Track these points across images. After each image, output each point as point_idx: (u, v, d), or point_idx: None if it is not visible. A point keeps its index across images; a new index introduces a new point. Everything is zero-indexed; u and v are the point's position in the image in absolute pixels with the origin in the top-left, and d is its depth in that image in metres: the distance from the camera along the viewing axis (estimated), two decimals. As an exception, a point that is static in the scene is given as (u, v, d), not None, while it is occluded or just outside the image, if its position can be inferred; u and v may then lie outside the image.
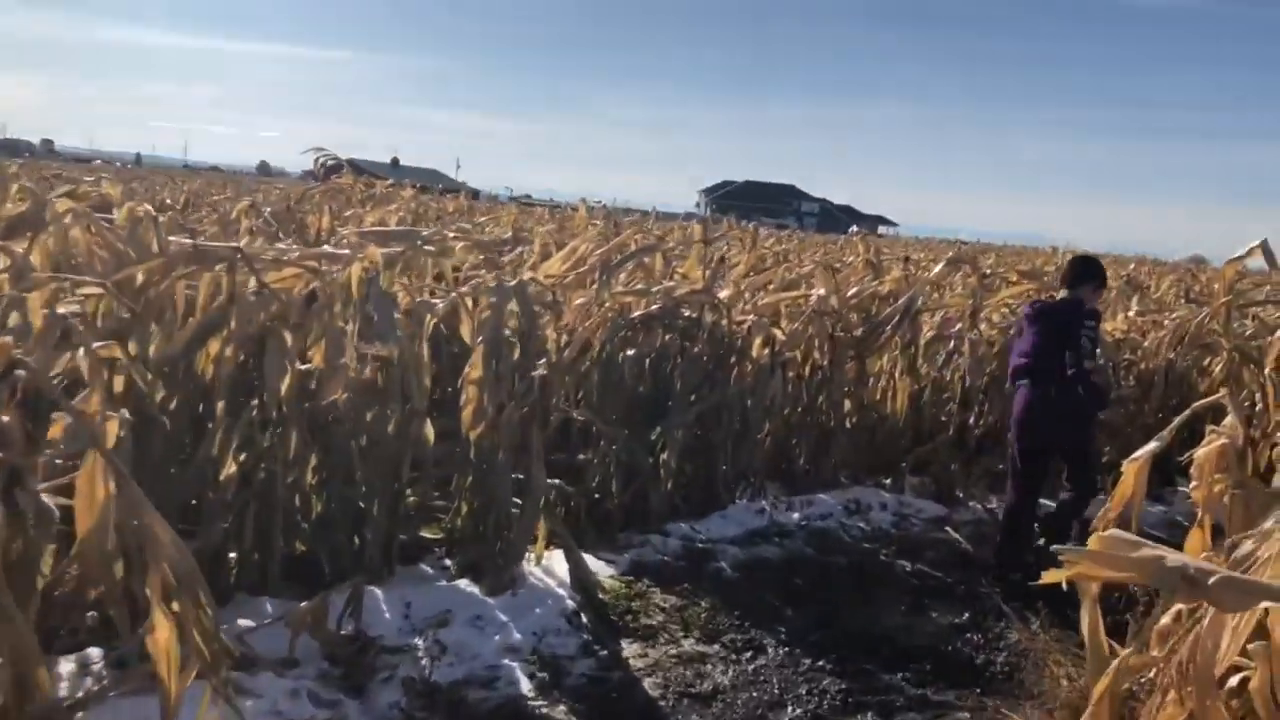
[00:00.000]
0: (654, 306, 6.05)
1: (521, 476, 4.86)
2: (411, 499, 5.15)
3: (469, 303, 5.07)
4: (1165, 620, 3.54)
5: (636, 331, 6.17)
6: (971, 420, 7.15)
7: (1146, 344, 7.97)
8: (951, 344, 7.57)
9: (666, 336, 6.26)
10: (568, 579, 4.69)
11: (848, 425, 7.23)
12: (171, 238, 4.58)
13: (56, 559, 2.96)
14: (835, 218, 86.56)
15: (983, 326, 7.08)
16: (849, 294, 7.26)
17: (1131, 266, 20.84)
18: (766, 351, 6.56)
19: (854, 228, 10.83)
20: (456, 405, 4.90)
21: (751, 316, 6.55)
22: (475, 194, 34.21)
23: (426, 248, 4.89)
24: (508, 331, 5.31)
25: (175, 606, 2.53)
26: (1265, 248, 3.84)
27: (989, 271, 7.34)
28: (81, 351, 2.81)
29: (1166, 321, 8.36)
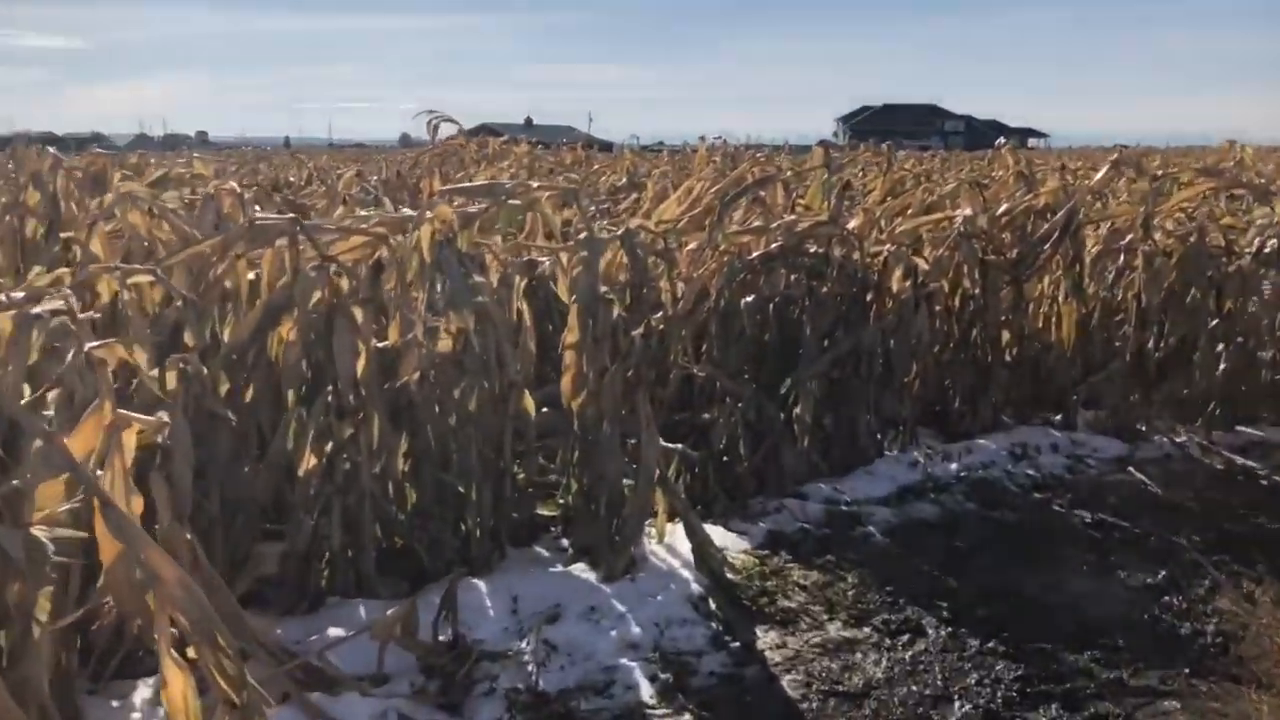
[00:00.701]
0: (774, 245, 5.42)
1: (636, 446, 4.37)
2: (521, 476, 4.72)
3: (564, 260, 4.57)
4: None
5: (756, 274, 5.57)
6: (1150, 343, 6.27)
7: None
8: (1122, 258, 6.68)
9: (791, 277, 5.64)
10: (693, 558, 4.18)
11: (1007, 359, 6.46)
12: (259, 214, 4.22)
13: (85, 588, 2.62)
14: (981, 134, 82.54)
15: (1157, 236, 6.16)
16: (999, 211, 6.45)
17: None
18: (908, 284, 5.86)
19: (1001, 140, 9.87)
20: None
21: (888, 246, 5.84)
22: (608, 146, 33.64)
23: (511, 201, 4.40)
24: (615, 286, 4.81)
25: (191, 653, 2.12)
26: None
27: (1159, 173, 6.39)
28: (71, 356, 2.41)
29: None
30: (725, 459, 5.34)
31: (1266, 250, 6.39)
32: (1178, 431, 6.36)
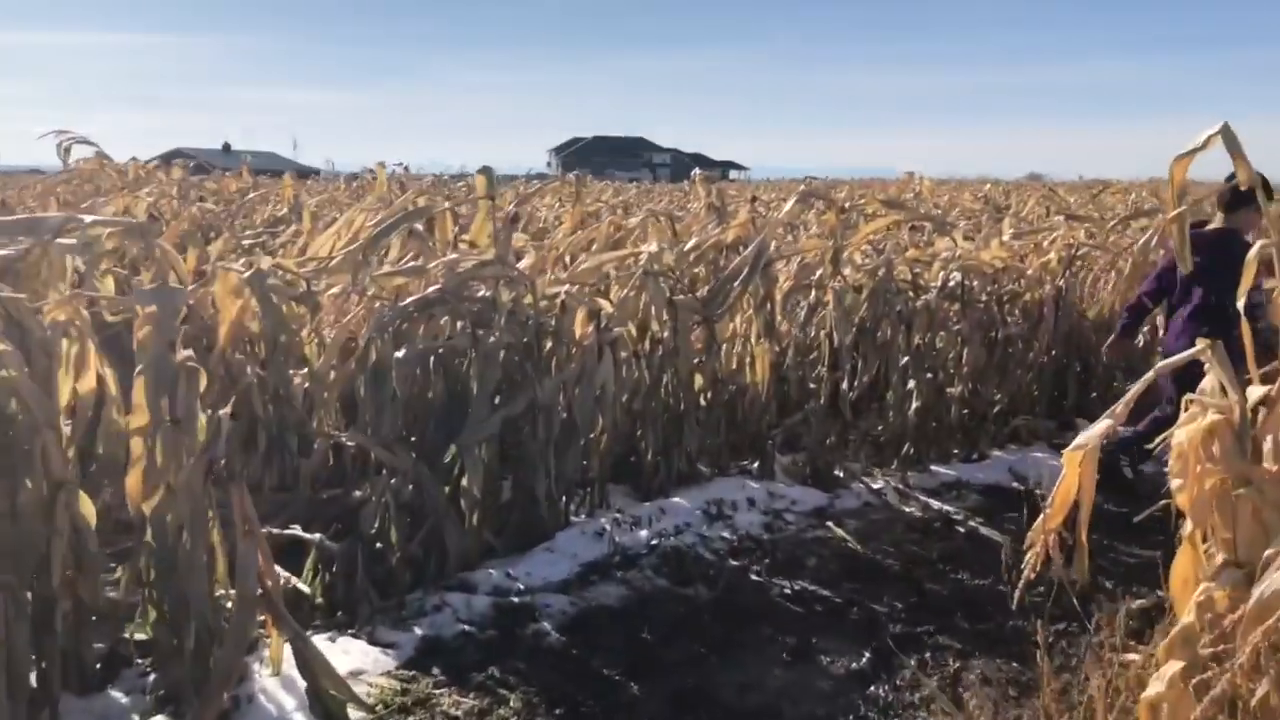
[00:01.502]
0: (432, 288, 4.62)
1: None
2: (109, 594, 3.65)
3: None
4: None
5: (414, 323, 4.76)
6: (845, 382, 5.95)
7: (1030, 271, 6.91)
8: (813, 294, 6.37)
9: (457, 325, 4.86)
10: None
11: (701, 405, 5.96)
12: None
13: None
14: (687, 166, 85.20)
15: (847, 271, 5.86)
16: (688, 247, 5.96)
17: (987, 187, 20.17)
18: (591, 329, 5.22)
19: (696, 171, 9.52)
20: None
21: (567, 287, 5.18)
22: (314, 172, 31.95)
23: (62, 241, 3.36)
24: (245, 338, 3.87)
25: None
26: (1227, 134, 2.63)
27: (846, 205, 6.14)
28: None
29: (1046, 244, 7.33)
30: (378, 546, 4.47)
31: (950, 284, 6.24)
32: (875, 476, 6.08)
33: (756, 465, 6.06)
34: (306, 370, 4.85)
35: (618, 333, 5.28)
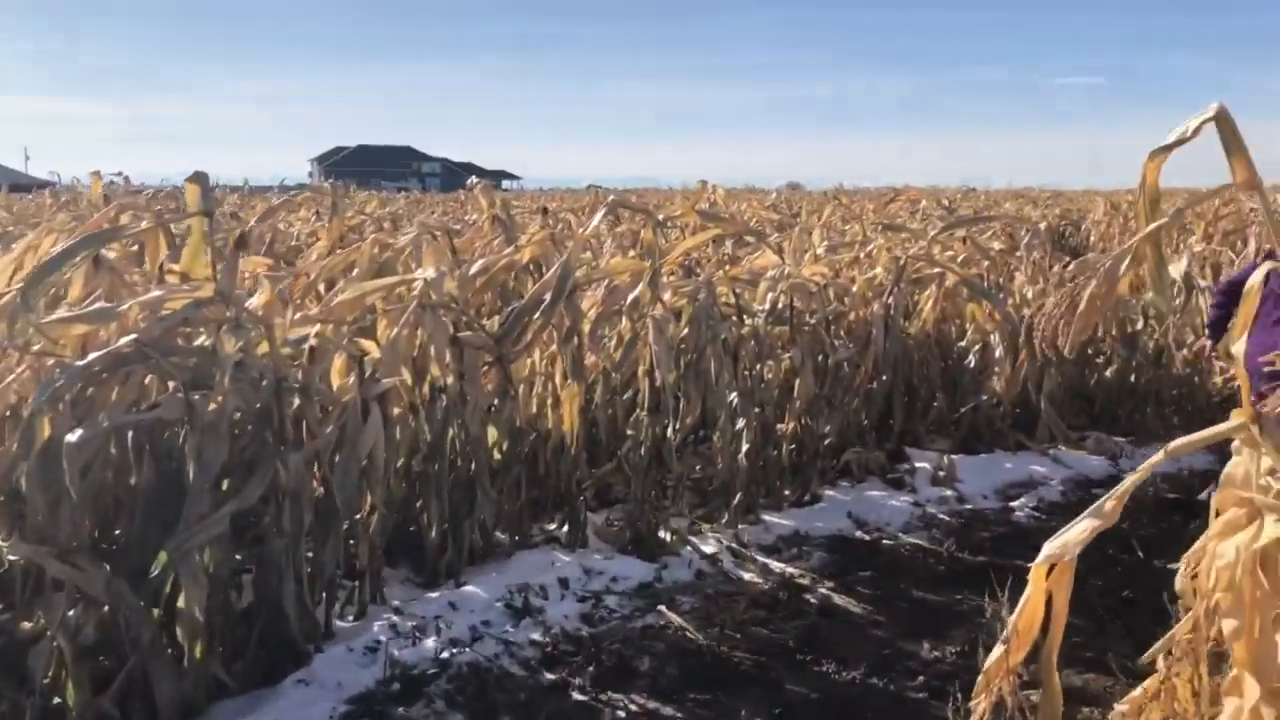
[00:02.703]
0: (126, 339, 3.35)
1: None
2: None
3: None
4: None
5: (103, 386, 3.48)
6: (668, 428, 5.00)
7: (855, 289, 6.20)
8: (624, 323, 5.41)
9: (170, 386, 3.62)
10: None
11: (496, 461, 4.88)
12: None
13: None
14: (458, 175, 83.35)
15: (667, 296, 4.92)
16: (473, 271, 4.88)
17: (774, 195, 19.90)
18: (352, 380, 4.07)
19: (473, 179, 8.42)
20: None
21: (315, 329, 4.00)
22: (47, 184, 28.84)
23: None
24: None
25: None
26: (1222, 115, 1.81)
27: (662, 218, 5.20)
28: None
29: (864, 257, 6.67)
30: (55, 701, 3.17)
31: (780, 306, 5.42)
32: (703, 534, 5.17)
33: (565, 530, 5.05)
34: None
35: (387, 384, 4.13)
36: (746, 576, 4.78)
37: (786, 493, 5.72)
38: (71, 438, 3.13)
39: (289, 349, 3.85)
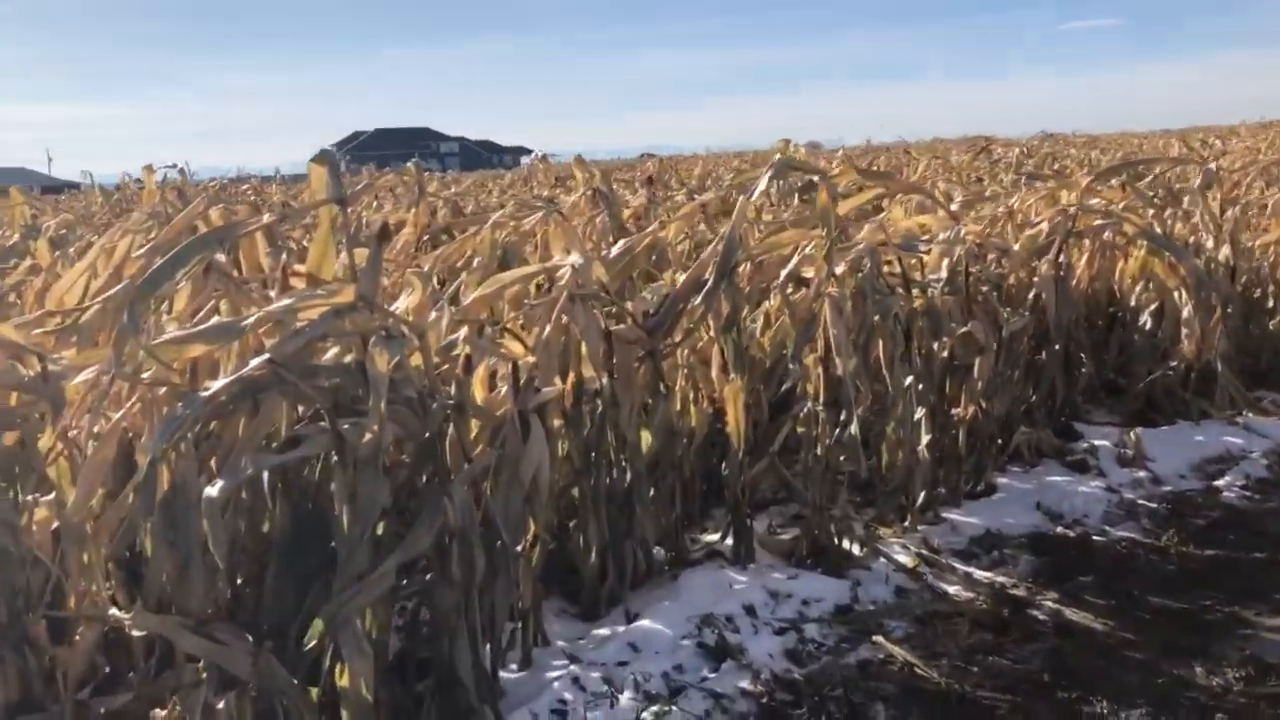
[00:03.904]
0: (259, 360, 2.71)
1: None
2: None
3: None
4: None
5: (228, 422, 2.86)
6: (842, 426, 4.33)
7: (1017, 247, 5.48)
8: (770, 301, 4.75)
9: (301, 412, 3.00)
10: None
11: (650, 468, 4.23)
12: None
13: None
14: (476, 154, 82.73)
15: (840, 270, 4.23)
16: (614, 253, 4.22)
17: (840, 153, 19.01)
18: (506, 392, 3.42)
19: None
20: None
21: (462, 334, 3.35)
22: (72, 186, 28.62)
23: None
24: None
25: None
26: None
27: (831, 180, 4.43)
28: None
29: (1023, 212, 5.94)
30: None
31: (957, 274, 4.73)
32: (883, 539, 4.52)
33: (730, 543, 4.41)
34: (53, 505, 2.88)
35: (549, 393, 3.49)
36: (951, 590, 4.12)
37: (962, 485, 5.05)
38: (212, 491, 2.51)
39: (442, 362, 3.21)
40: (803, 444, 4.39)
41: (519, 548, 3.50)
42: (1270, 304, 6.64)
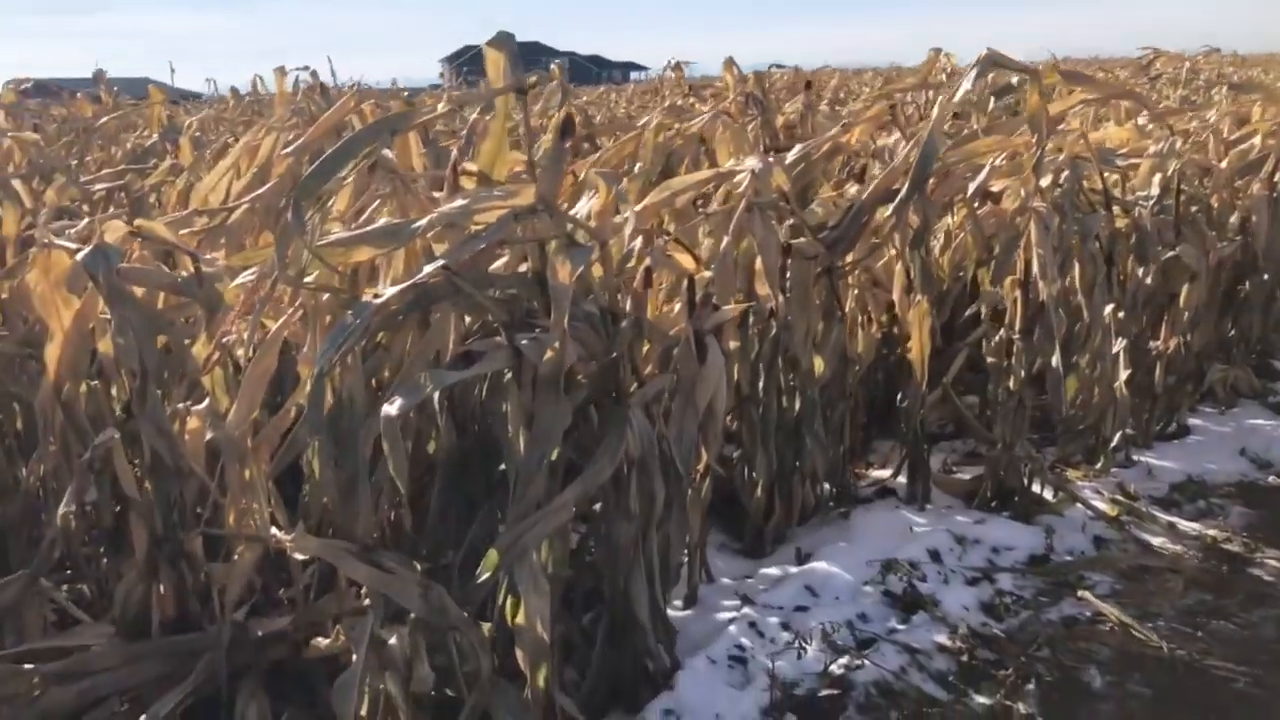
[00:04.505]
0: (432, 266, 2.44)
1: None
2: None
3: None
4: None
5: (398, 333, 2.63)
6: (1053, 353, 3.90)
7: (1224, 165, 4.91)
8: (954, 218, 4.33)
9: (472, 326, 2.75)
10: None
11: (821, 396, 3.89)
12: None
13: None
14: (585, 69, 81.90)
15: (1044, 183, 3.77)
16: (790, 159, 3.84)
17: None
18: (681, 309, 3.12)
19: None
20: None
21: (637, 243, 3.04)
22: (195, 96, 29.09)
23: None
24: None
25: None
26: None
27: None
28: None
29: (1221, 126, 5.34)
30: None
31: (1169, 193, 4.23)
32: (1072, 483, 4.13)
33: (904, 481, 4.08)
34: (208, 416, 2.69)
35: (726, 313, 3.16)
36: (1156, 542, 3.72)
37: (1153, 425, 4.60)
38: (390, 409, 2.25)
39: (622, 273, 2.90)
40: (991, 376, 4.00)
41: (694, 486, 3.22)
42: None
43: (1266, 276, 4.92)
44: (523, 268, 2.70)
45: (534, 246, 2.63)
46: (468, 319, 2.79)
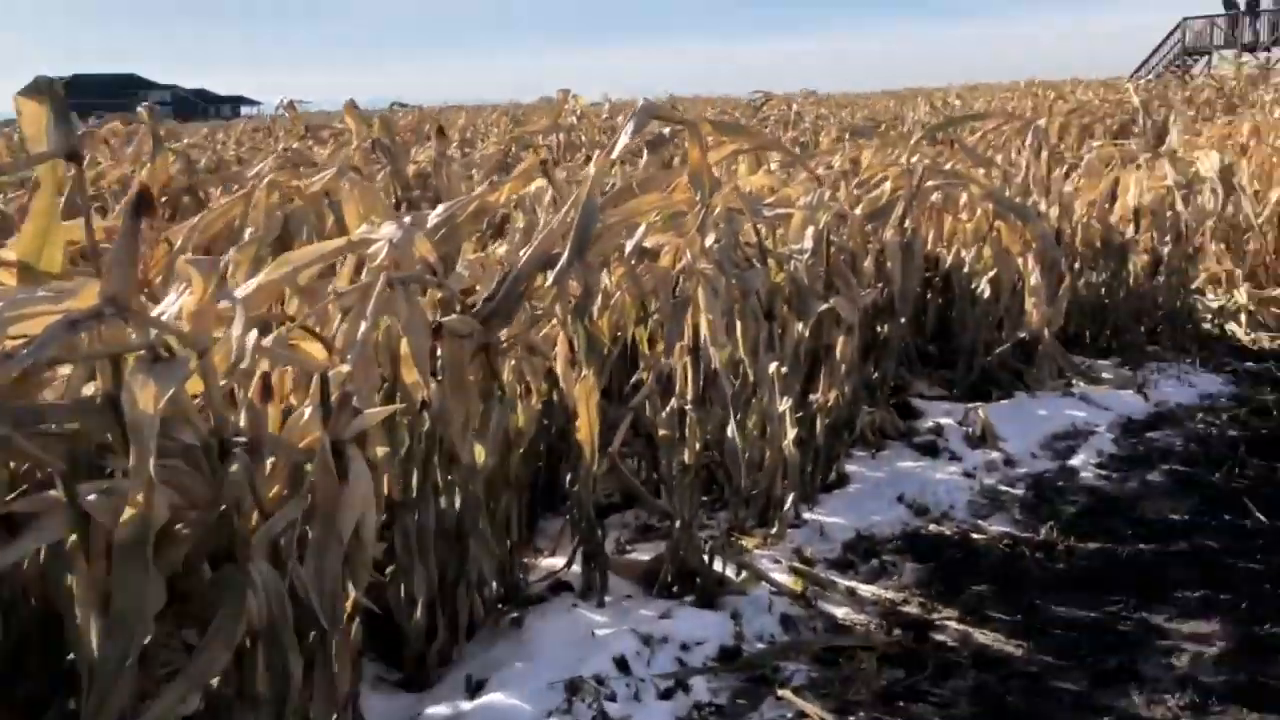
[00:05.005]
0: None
1: None
2: None
3: None
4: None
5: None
6: (727, 423, 3.64)
7: (858, 211, 4.97)
8: (612, 278, 4.01)
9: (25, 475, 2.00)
10: None
11: (486, 490, 3.40)
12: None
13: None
14: (190, 104, 76.76)
15: (650, 240, 3.48)
16: (432, 223, 3.33)
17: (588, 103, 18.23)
18: (311, 415, 2.51)
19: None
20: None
21: (250, 337, 2.41)
22: None
23: None
24: None
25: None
26: None
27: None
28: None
29: (840, 167, 5.44)
30: None
31: (821, 246, 4.14)
32: (751, 554, 3.92)
33: (580, 570, 3.68)
34: None
35: (369, 416, 2.59)
36: (841, 614, 3.56)
37: (817, 478, 4.53)
38: None
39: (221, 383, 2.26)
40: (663, 451, 3.69)
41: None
42: (1078, 265, 6.52)
43: (904, 319, 5.02)
44: (89, 390, 2.02)
45: (104, 363, 1.96)
46: (12, 464, 2.05)
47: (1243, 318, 6.92)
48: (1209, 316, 6.96)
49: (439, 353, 3.14)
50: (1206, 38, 36.62)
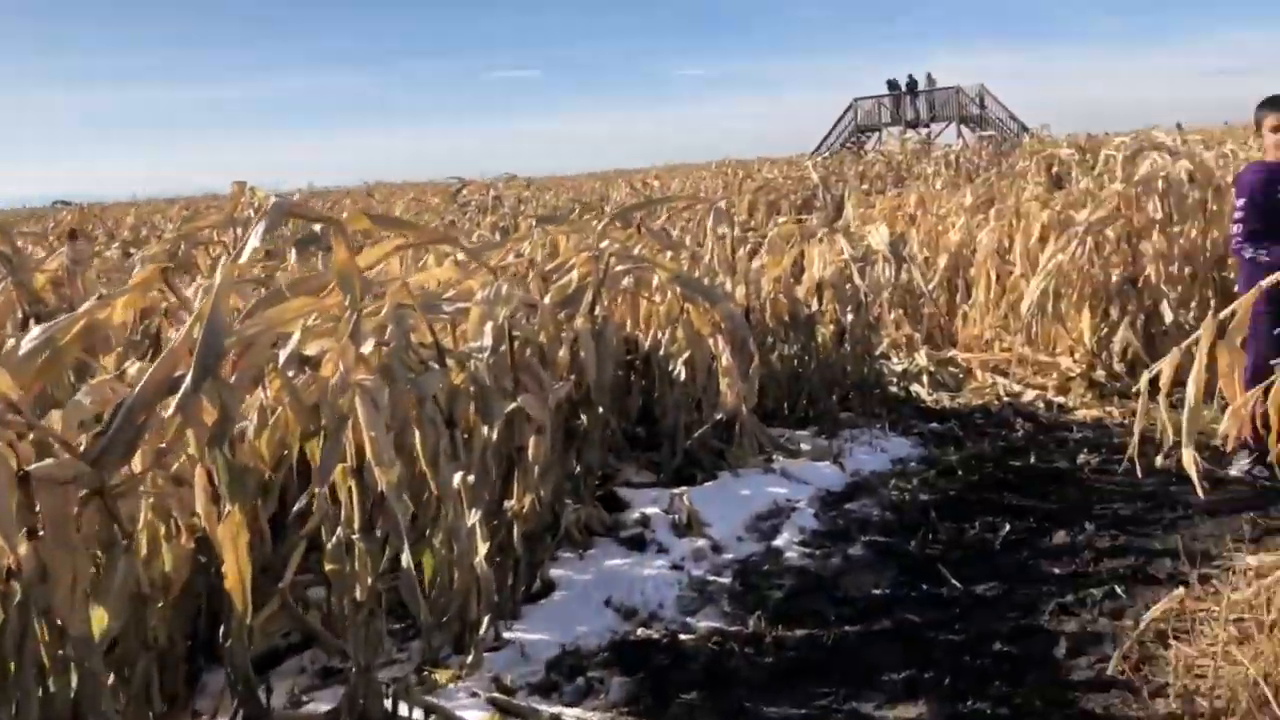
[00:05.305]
0: None
1: None
2: None
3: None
4: None
5: None
6: (375, 562, 3.25)
7: (548, 300, 4.75)
8: (268, 392, 3.56)
9: None
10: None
11: (110, 659, 2.85)
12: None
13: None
14: None
15: (367, 348, 3.14)
16: (27, 349, 2.79)
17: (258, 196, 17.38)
18: None
19: None
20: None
21: None
22: None
23: None
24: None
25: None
26: None
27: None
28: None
29: (528, 256, 5.25)
30: None
31: (503, 346, 3.86)
32: (445, 690, 3.54)
33: (240, 739, 3.16)
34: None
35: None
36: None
37: (518, 590, 4.21)
38: None
39: None
40: (333, 588, 3.26)
41: None
42: (770, 340, 6.62)
43: (601, 409, 4.83)
44: None
45: None
46: None
47: (924, 379, 7.26)
48: (894, 380, 7.26)
49: (36, 506, 2.61)
50: (875, 116, 40.15)
